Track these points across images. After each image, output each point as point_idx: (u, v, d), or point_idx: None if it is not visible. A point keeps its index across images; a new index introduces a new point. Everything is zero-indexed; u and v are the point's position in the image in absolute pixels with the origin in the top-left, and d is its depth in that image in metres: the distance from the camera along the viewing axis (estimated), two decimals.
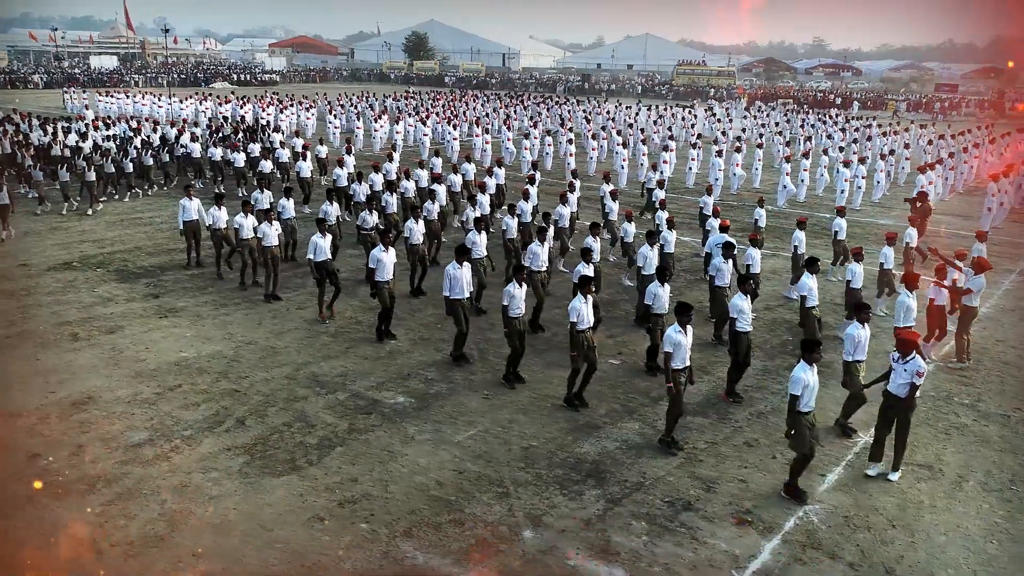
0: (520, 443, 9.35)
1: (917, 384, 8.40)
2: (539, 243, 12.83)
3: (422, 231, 14.46)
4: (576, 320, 9.92)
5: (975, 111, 62.24)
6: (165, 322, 13.02)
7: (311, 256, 12.93)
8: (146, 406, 10.02)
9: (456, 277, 11.27)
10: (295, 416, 9.85)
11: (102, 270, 15.94)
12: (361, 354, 11.91)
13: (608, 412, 10.23)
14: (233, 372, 11.10)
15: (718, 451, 9.34)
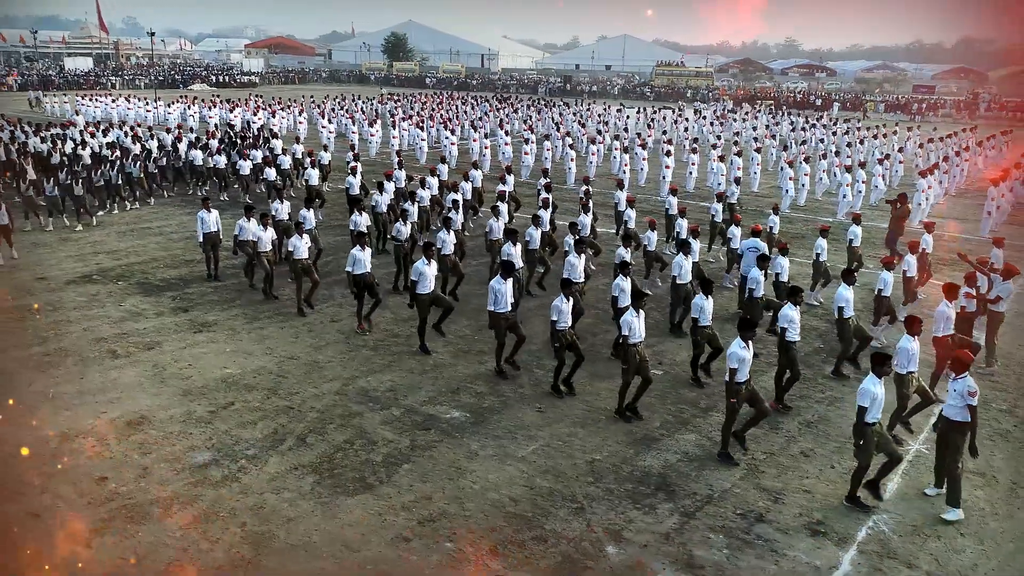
0: (584, 457, 9.45)
1: (973, 405, 8.33)
2: (576, 255, 12.93)
3: (453, 242, 14.52)
4: (628, 333, 10.06)
5: (952, 112, 63.35)
6: (201, 337, 12.94)
7: (350, 269, 12.92)
8: (202, 425, 9.98)
9: (501, 291, 11.35)
10: (355, 433, 9.87)
11: (123, 283, 15.78)
12: (406, 368, 11.94)
13: (662, 424, 10.37)
14: (282, 388, 11.08)
15: (777, 462, 9.52)
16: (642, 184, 28.48)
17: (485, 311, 13.26)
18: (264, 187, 23.60)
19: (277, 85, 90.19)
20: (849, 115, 60.39)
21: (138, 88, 76.32)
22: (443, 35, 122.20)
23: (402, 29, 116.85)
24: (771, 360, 11.90)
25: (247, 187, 24.02)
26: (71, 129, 31.08)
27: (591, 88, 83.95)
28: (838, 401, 11.25)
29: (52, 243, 18.69)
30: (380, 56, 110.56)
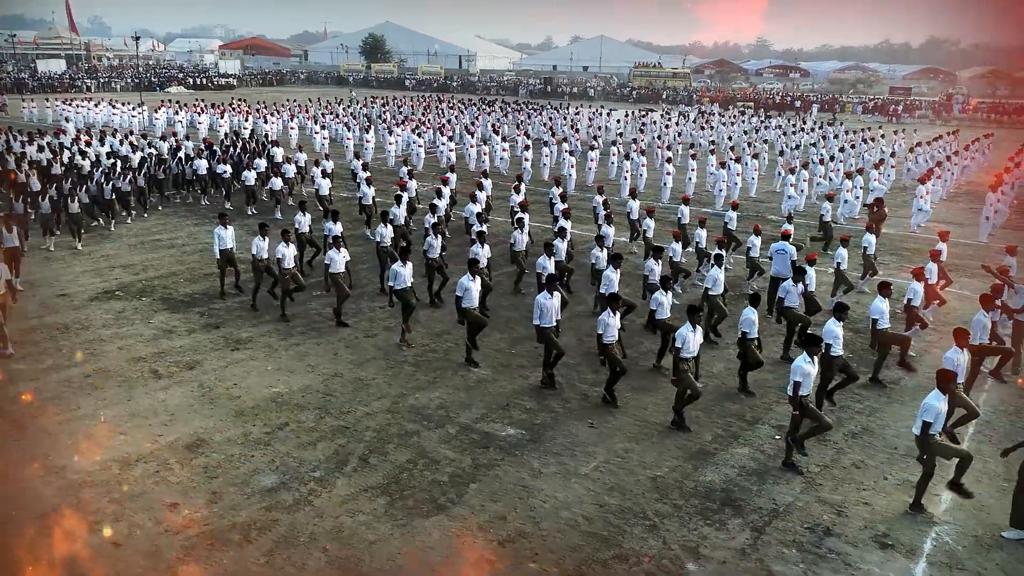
0: (645, 473, 9.63)
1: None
2: (613, 269, 13.10)
3: (487, 255, 14.65)
4: (680, 346, 10.26)
5: (928, 113, 64.58)
6: (240, 355, 12.92)
7: (392, 284, 12.98)
8: (261, 447, 10.00)
9: (547, 307, 11.49)
10: (416, 453, 9.95)
11: (147, 299, 15.67)
12: (451, 384, 12.03)
13: (714, 438, 10.58)
14: (333, 407, 11.12)
15: (832, 474, 9.77)
16: (641, 190, 28.63)
17: (517, 324, 13.46)
18: (269, 196, 23.45)
19: (255, 87, 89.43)
20: (829, 117, 61.41)
21: (114, 91, 75.38)
22: (420, 36, 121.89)
23: (379, 30, 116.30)
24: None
25: (253, 197, 23.86)
26: (63, 137, 30.69)
27: (571, 90, 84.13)
28: (877, 412, 11.54)
29: (65, 257, 18.47)
30: (357, 57, 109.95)
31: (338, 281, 14.00)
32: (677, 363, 10.31)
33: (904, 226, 24.05)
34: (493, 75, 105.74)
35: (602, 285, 13.12)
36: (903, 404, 11.84)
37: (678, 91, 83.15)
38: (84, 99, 49.86)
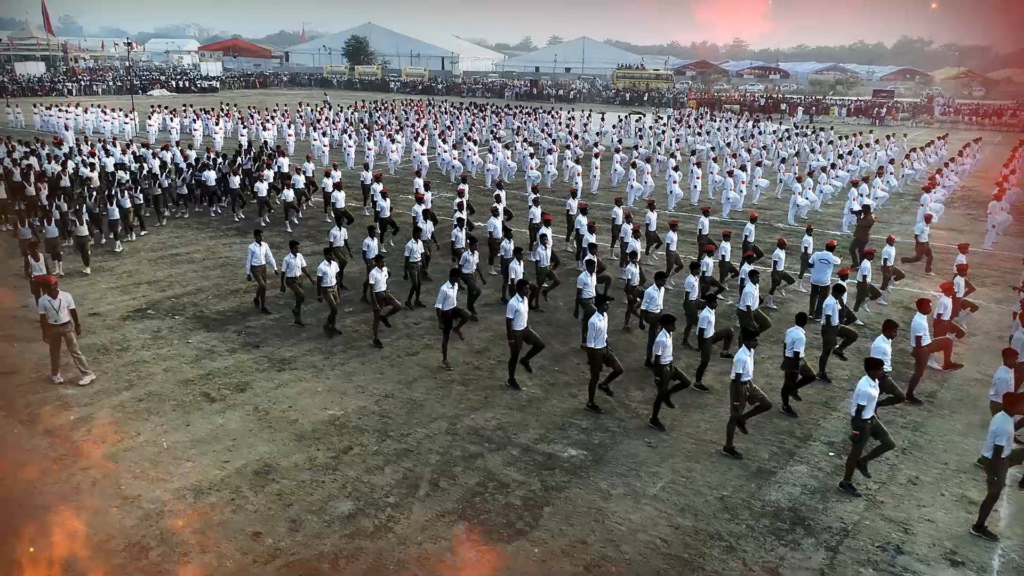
0: (711, 493, 9.84)
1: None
2: (656, 287, 13.31)
3: (476, 261, 14.96)
4: (741, 372, 10.48)
5: (911, 115, 65.60)
6: (287, 376, 12.96)
7: (440, 306, 13.07)
8: (330, 472, 10.08)
9: (600, 328, 11.66)
10: (484, 476, 10.08)
11: (180, 317, 15.63)
12: (502, 404, 12.16)
13: (771, 456, 10.82)
14: (392, 430, 11.22)
15: (891, 491, 10.05)
16: (647, 198, 28.85)
17: (553, 339, 13.61)
18: (284, 209, 23.38)
19: (238, 90, 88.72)
20: (824, 122, 62.21)
21: (96, 95, 74.46)
22: (403, 37, 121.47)
23: (361, 31, 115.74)
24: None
25: (266, 208, 23.79)
26: (64, 147, 30.32)
27: (557, 92, 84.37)
28: (922, 426, 11.85)
29: (87, 274, 18.30)
30: (338, 59, 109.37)
31: (378, 301, 14.06)
32: (737, 388, 10.52)
33: (909, 233, 24.46)
34: (477, 77, 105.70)
35: (645, 303, 13.29)
36: (943, 418, 12.17)
37: (663, 93, 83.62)
38: (72, 105, 49.10)
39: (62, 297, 12.14)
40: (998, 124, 61.92)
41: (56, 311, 12.03)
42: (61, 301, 12.08)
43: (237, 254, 20.35)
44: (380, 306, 14.16)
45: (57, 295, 12.08)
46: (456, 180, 30.84)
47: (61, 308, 12.06)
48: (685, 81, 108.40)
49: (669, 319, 11.37)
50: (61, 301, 12.08)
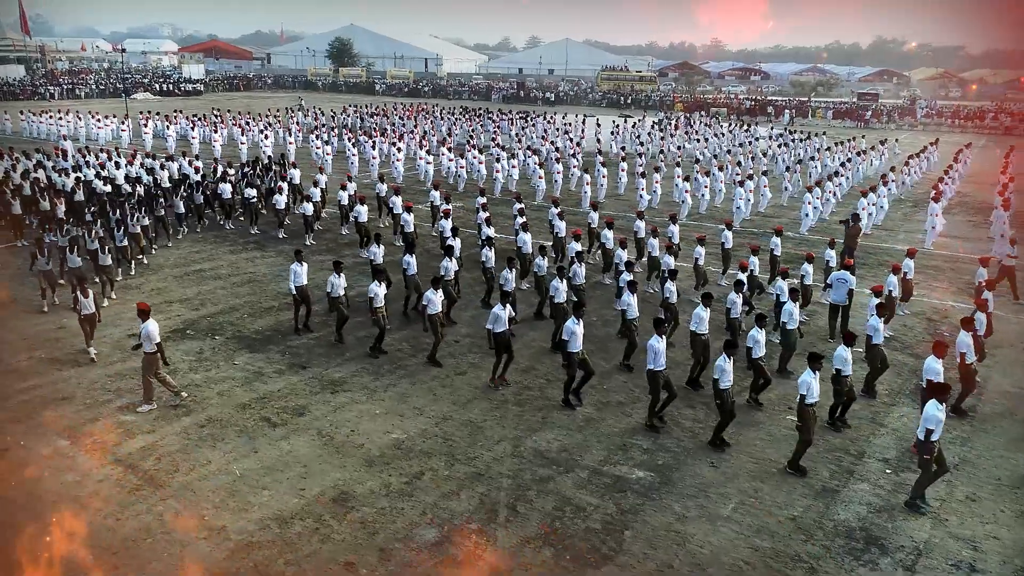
0: (782, 513, 10.11)
1: None
2: (703, 307, 13.55)
3: (566, 290, 15.00)
4: (806, 393, 10.76)
5: (896, 118, 66.64)
6: (342, 398, 13.06)
7: (491, 327, 13.23)
8: (406, 498, 10.22)
9: (659, 351, 11.89)
10: (559, 500, 10.27)
11: (220, 337, 15.65)
12: (560, 424, 12.36)
13: (831, 474, 11.12)
14: (458, 452, 11.37)
15: (952, 508, 10.38)
16: (656, 206, 29.10)
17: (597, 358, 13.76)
18: (303, 222, 23.35)
19: (222, 93, 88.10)
20: (806, 124, 63.02)
21: (79, 99, 73.57)
22: (385, 39, 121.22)
23: (343, 33, 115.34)
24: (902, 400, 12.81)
25: (282, 222, 23.79)
26: (68, 157, 30.04)
27: (544, 95, 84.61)
28: (969, 441, 12.23)
29: (116, 292, 18.21)
30: (319, 61, 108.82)
31: (435, 323, 14.19)
32: (803, 410, 10.79)
33: (917, 241, 24.99)
34: (462, 79, 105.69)
35: (694, 323, 13.54)
36: (987, 432, 12.56)
37: (650, 95, 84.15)
38: (63, 111, 48.46)
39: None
40: (981, 127, 63.08)
41: (150, 340, 12.18)
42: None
43: (262, 269, 20.37)
44: (429, 327, 14.26)
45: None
46: (463, 189, 31.01)
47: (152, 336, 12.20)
48: (668, 82, 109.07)
49: (730, 344, 11.60)
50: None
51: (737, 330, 14.58)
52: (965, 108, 70.77)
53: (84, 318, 14.14)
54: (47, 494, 10.04)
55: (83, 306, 14.03)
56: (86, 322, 14.19)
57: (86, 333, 14.24)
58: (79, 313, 14.09)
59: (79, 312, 14.08)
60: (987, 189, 34.67)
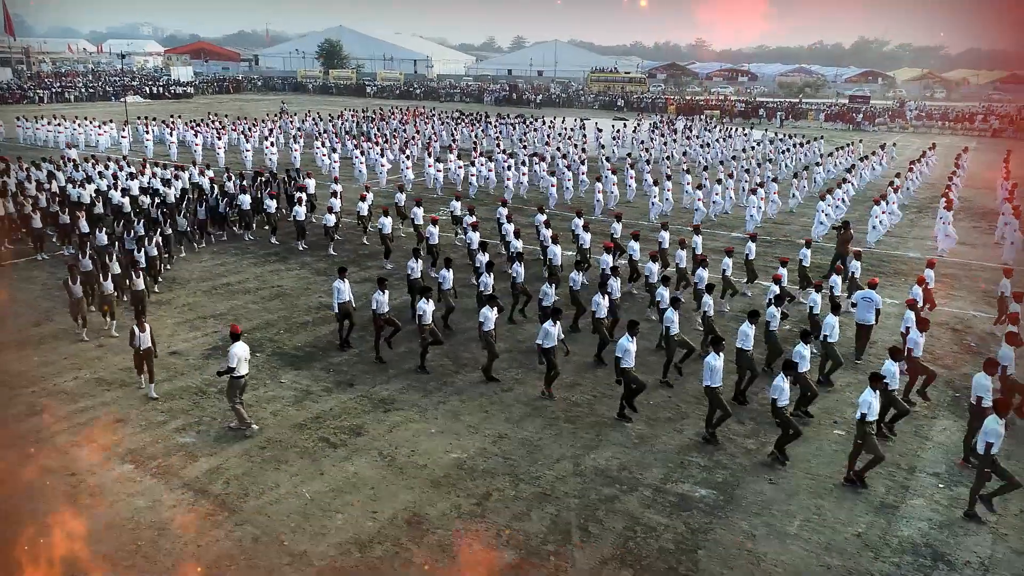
0: (847, 531, 10.36)
1: None
2: (749, 324, 13.79)
3: (606, 305, 15.18)
4: (867, 412, 11.02)
5: (887, 120, 67.41)
6: (396, 417, 13.17)
7: (540, 342, 13.40)
8: (480, 520, 10.37)
9: (716, 368, 12.11)
10: (628, 519, 10.46)
11: (262, 355, 15.70)
12: (615, 441, 12.54)
13: (887, 490, 11.38)
14: (521, 472, 11.53)
15: (1009, 523, 10.67)
16: (667, 213, 29.32)
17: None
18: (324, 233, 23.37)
19: (212, 95, 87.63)
20: (798, 126, 63.63)
21: (68, 102, 72.93)
22: (372, 39, 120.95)
23: (331, 34, 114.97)
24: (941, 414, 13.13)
25: (303, 233, 23.79)
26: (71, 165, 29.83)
27: (537, 97, 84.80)
28: (1013, 455, 12.52)
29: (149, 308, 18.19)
30: (306, 62, 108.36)
31: (490, 340, 14.31)
32: (862, 427, 11.04)
33: (927, 248, 25.41)
34: (452, 80, 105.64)
35: (740, 341, 13.76)
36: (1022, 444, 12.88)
37: (641, 97, 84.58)
38: (61, 117, 48.04)
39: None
40: (970, 129, 63.95)
41: (245, 361, 12.25)
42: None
43: (289, 283, 20.42)
44: (485, 344, 14.38)
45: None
46: (474, 196, 31.10)
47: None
48: (658, 83, 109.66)
49: (791, 366, 11.83)
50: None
51: (777, 344, 14.85)
52: (954, 110, 71.61)
53: (142, 354, 13.41)
54: (125, 521, 10.09)
55: (140, 341, 13.30)
56: (144, 359, 13.44)
57: (142, 371, 13.60)
58: (136, 348, 13.38)
59: (136, 347, 13.37)
60: (986, 194, 35.30)
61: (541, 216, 22.24)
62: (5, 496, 10.48)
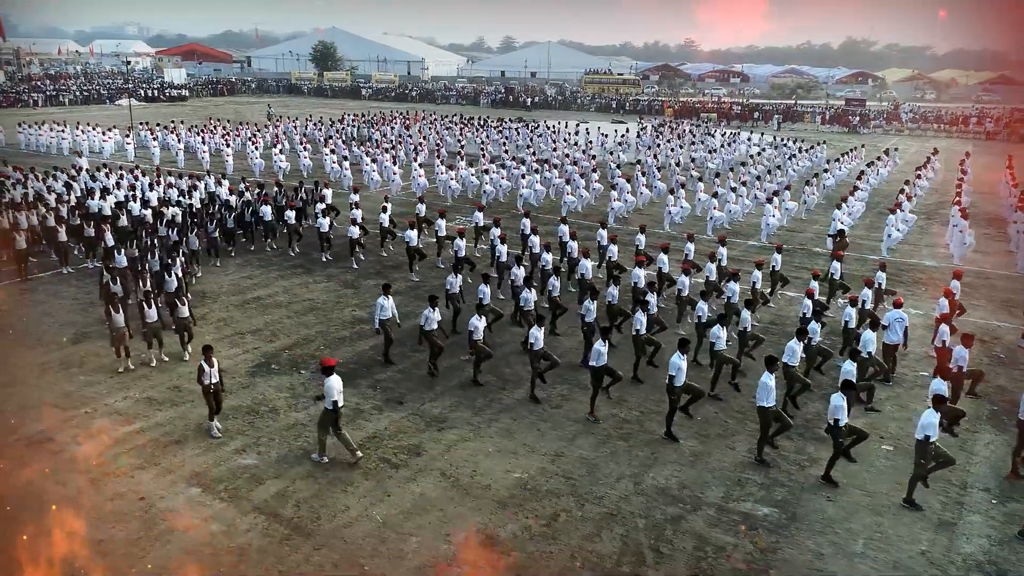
0: (911, 548, 10.60)
1: None
2: (797, 341, 14.02)
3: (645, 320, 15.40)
4: (931, 434, 11.25)
5: (882, 123, 68.04)
6: (451, 435, 13.31)
7: (594, 363, 13.57)
8: (551, 541, 10.53)
9: (771, 388, 12.32)
10: (696, 540, 10.65)
11: (305, 371, 15.80)
12: (670, 459, 12.74)
13: (943, 507, 11.64)
14: (584, 492, 11.70)
15: None
16: (679, 222, 29.46)
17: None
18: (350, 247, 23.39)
19: (207, 98, 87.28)
20: (795, 129, 64.15)
21: (61, 105, 72.47)
22: (366, 41, 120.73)
23: (325, 35, 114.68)
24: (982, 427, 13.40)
25: (327, 244, 23.83)
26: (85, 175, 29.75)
27: (533, 100, 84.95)
28: None
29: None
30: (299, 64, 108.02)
31: (541, 357, 14.45)
32: (924, 448, 11.28)
33: (941, 256, 25.78)
34: (447, 82, 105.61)
35: (787, 356, 13.99)
36: None
37: (637, 100, 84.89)
38: (59, 122, 47.72)
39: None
40: (965, 132, 64.65)
41: (339, 392, 12.09)
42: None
43: (319, 296, 20.49)
44: (538, 363, 14.53)
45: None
46: (489, 204, 31.19)
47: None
48: (651, 85, 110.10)
49: (849, 384, 12.06)
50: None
51: (815, 357, 15.13)
52: (948, 112, 72.27)
53: (211, 390, 12.84)
54: (203, 547, 10.18)
55: (209, 376, 12.75)
56: (212, 395, 12.87)
57: (211, 408, 13.04)
58: (205, 384, 12.76)
59: (206, 383, 12.76)
60: (988, 199, 35.75)
61: (564, 227, 22.35)
62: (90, 522, 10.52)
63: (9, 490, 11.28)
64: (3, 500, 11.02)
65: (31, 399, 14.20)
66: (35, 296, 20.09)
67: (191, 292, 19.74)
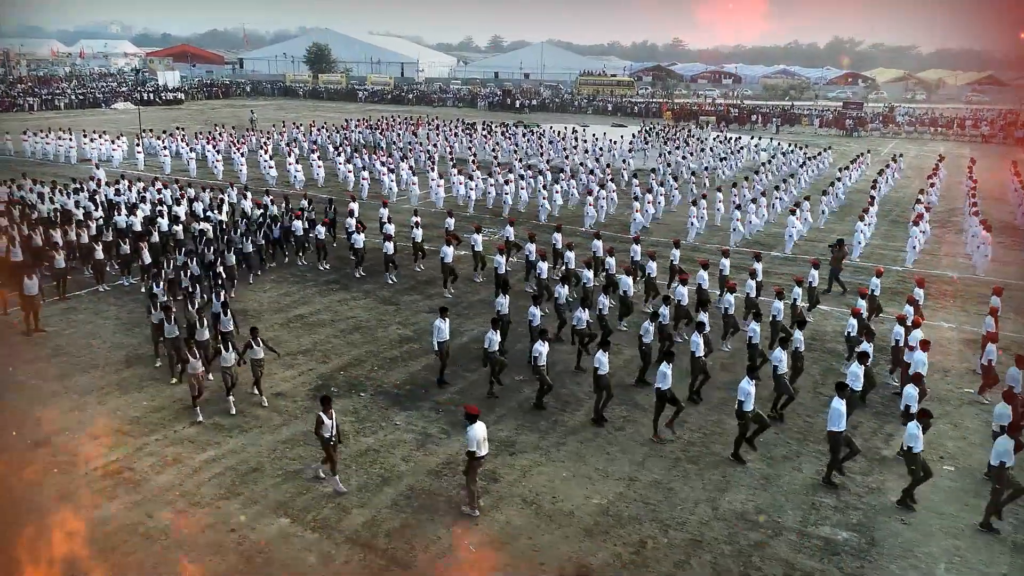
0: (992, 571, 10.92)
1: None
2: (858, 364, 14.32)
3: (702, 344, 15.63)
4: (1006, 461, 11.56)
5: (880, 126, 68.75)
6: (523, 461, 13.49)
7: (660, 386, 13.81)
8: (644, 569, 10.76)
9: (842, 413, 12.58)
10: (783, 566, 10.91)
11: (365, 394, 15.93)
12: (742, 483, 12.99)
13: (1015, 528, 11.96)
14: (664, 517, 11.93)
15: None
16: (701, 232, 29.70)
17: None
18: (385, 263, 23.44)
19: (202, 101, 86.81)
20: (793, 132, 64.65)
21: (57, 109, 71.92)
22: (357, 42, 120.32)
23: (318, 36, 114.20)
24: None
25: (361, 260, 23.89)
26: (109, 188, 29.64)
27: (530, 102, 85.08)
28: None
29: None
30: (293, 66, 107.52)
31: (605, 382, 14.64)
32: (1001, 472, 11.59)
33: (963, 267, 26.19)
34: (441, 84, 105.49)
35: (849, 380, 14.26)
36: None
37: (633, 102, 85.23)
38: (64, 129, 47.38)
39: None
40: (961, 135, 65.45)
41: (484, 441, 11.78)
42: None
43: (361, 314, 20.59)
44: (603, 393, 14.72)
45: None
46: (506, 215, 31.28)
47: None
48: (645, 86, 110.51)
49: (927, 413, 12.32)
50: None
51: (873, 379, 15.43)
52: (942, 115, 73.05)
53: (331, 442, 12.31)
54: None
55: (329, 428, 12.24)
56: (332, 447, 12.33)
57: (333, 461, 12.42)
58: (326, 438, 12.23)
59: (326, 437, 12.23)
60: (998, 205, 36.24)
61: (599, 242, 22.54)
62: (189, 556, 10.64)
63: (101, 523, 11.35)
64: (109, 536, 11.10)
65: (100, 426, 14.25)
66: (77, 316, 20.07)
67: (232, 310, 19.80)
